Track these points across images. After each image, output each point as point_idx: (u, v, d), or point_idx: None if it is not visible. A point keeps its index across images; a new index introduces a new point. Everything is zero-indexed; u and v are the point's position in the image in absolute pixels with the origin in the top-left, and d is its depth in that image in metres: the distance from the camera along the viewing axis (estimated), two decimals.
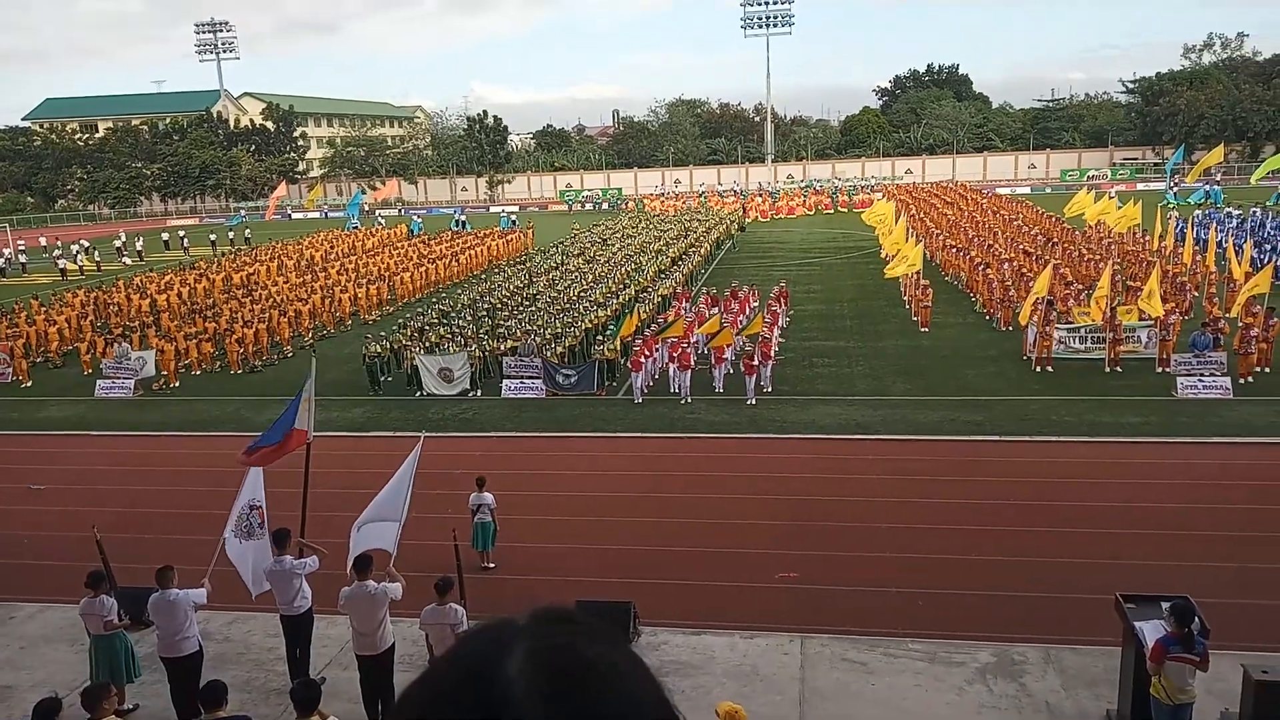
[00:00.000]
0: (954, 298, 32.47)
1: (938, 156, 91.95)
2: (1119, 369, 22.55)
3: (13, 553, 15.06)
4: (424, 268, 40.40)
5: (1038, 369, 22.95)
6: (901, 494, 15.84)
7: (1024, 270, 30.45)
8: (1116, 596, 9.69)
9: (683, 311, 26.78)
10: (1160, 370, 21.96)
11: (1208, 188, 58.31)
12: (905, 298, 31.68)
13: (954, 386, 22.08)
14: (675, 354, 22.24)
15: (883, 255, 35.84)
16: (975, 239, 38.78)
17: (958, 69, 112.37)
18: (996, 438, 18.53)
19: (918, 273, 30.18)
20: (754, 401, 21.29)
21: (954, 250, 36.79)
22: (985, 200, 56.43)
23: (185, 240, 59.21)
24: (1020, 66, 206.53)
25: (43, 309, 32.74)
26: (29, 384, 26.71)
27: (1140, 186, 69.19)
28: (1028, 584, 12.58)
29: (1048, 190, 75.10)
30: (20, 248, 55.17)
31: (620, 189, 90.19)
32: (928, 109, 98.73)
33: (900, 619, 11.91)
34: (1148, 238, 35.99)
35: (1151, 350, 22.86)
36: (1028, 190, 74.58)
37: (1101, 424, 18.87)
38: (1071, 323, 24.26)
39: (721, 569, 13.45)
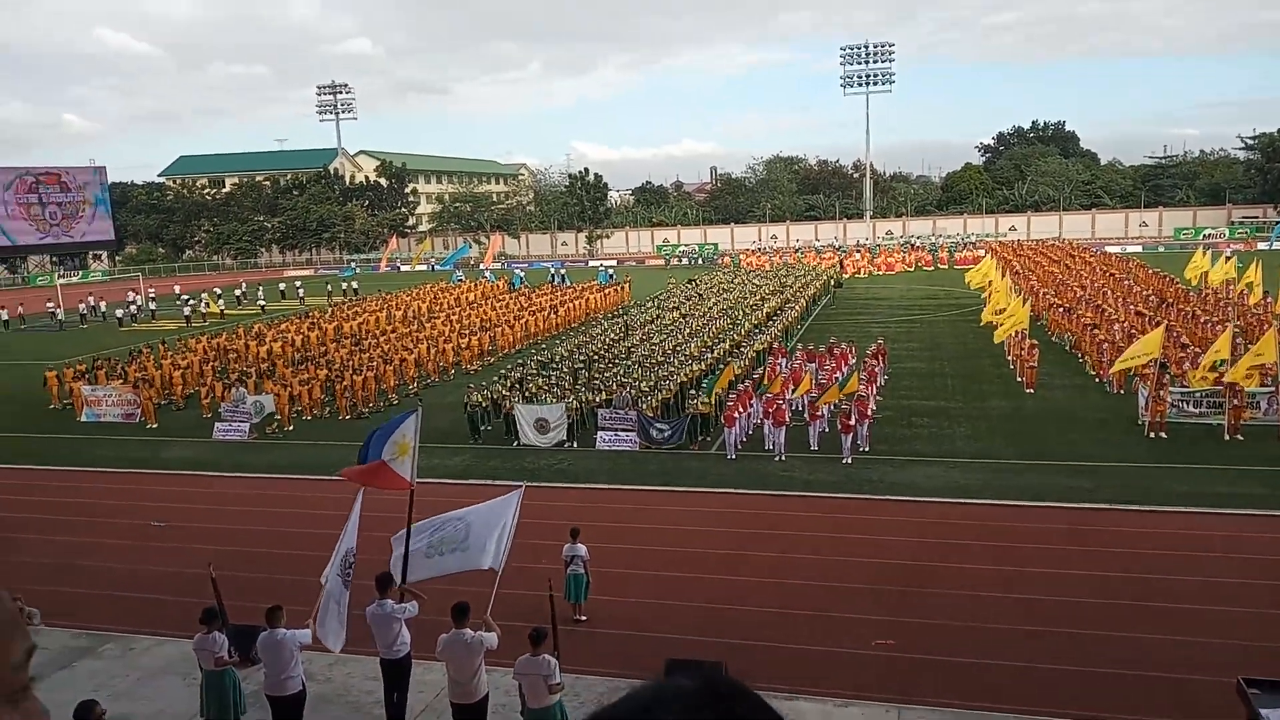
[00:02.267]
0: (1061, 358, 31.48)
1: (1043, 213, 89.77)
2: (1239, 437, 21.46)
3: (134, 587, 15.85)
4: (524, 320, 41.34)
5: (1151, 435, 22.02)
6: (1003, 561, 15.34)
7: (1135, 331, 29.36)
8: (1239, 680, 9.17)
9: (779, 367, 26.69)
10: None
11: None
12: (1010, 357, 30.88)
13: (1061, 451, 21.34)
14: (770, 410, 22.15)
15: (984, 321, 34.99)
16: (1084, 298, 37.64)
17: (1064, 125, 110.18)
18: (1106, 506, 17.80)
19: (1023, 332, 29.43)
20: (850, 461, 20.99)
21: (1061, 310, 35.76)
22: (1094, 258, 54.78)
23: (301, 290, 62.06)
24: (1130, 122, 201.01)
25: (169, 353, 34.68)
26: (154, 425, 28.23)
27: (1261, 246, 66.07)
28: (1139, 662, 11.98)
29: (1160, 249, 72.43)
30: (151, 295, 58.65)
31: (716, 244, 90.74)
32: (1033, 165, 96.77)
33: (1002, 693, 11.49)
34: (1270, 300, 34.32)
35: (1272, 417, 21.70)
36: (1139, 249, 71.99)
37: (1219, 495, 17.95)
38: (1186, 387, 23.27)
39: (815, 632, 13.23)
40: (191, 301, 54.13)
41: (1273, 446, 20.72)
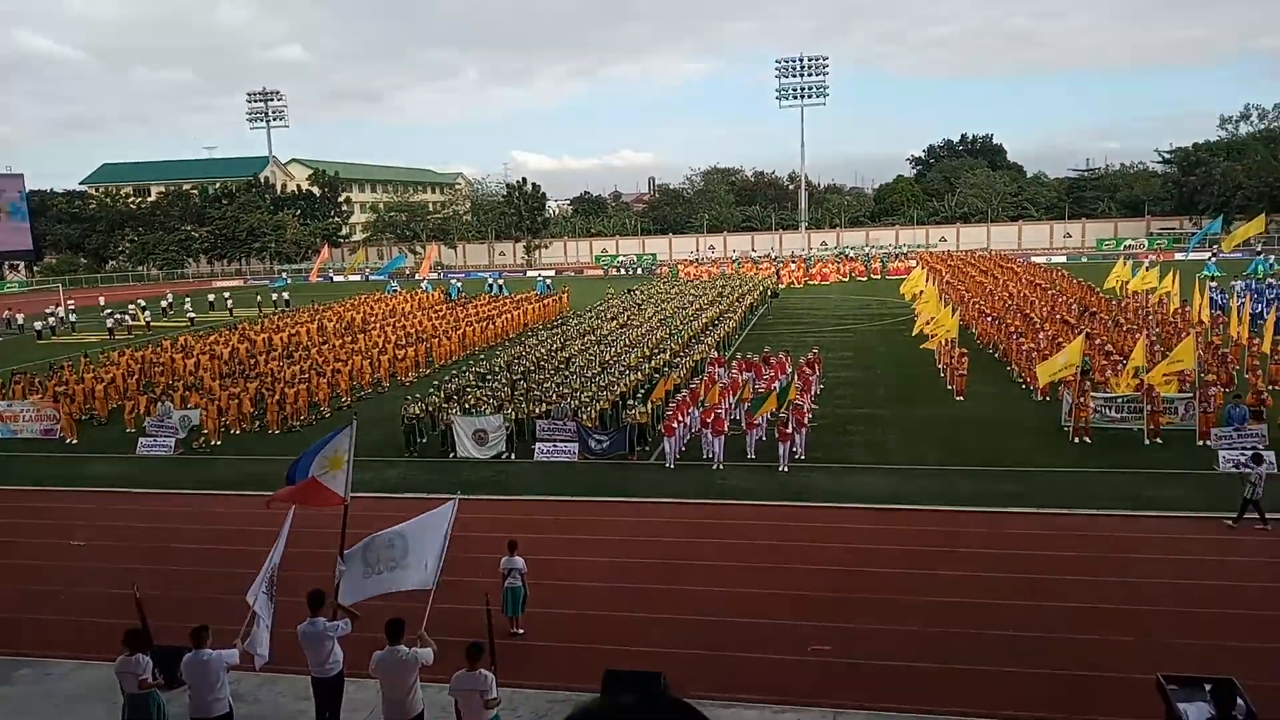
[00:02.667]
0: (990, 366, 32.27)
1: (972, 225, 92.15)
2: (1159, 440, 22.22)
3: (51, 609, 15.27)
4: (461, 331, 40.97)
5: (1075, 440, 22.68)
6: (936, 566, 15.63)
7: (1061, 340, 30.23)
8: (1157, 677, 9.49)
9: (717, 377, 26.86)
10: (1201, 443, 21.61)
11: (1255, 257, 57.79)
12: (940, 365, 31.55)
13: (990, 457, 21.85)
14: (708, 419, 22.28)
15: (916, 331, 35.73)
16: (1011, 307, 38.65)
17: (991, 138, 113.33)
18: (1034, 509, 18.27)
19: (953, 340, 30.11)
20: (787, 469, 21.21)
21: (989, 318, 36.68)
22: (1020, 269, 56.30)
23: (230, 301, 60.65)
24: (1054, 136, 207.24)
25: (91, 367, 33.57)
26: (74, 441, 27.29)
27: (1178, 256, 68.65)
28: (1066, 661, 12.30)
29: (1084, 259, 74.83)
30: (71, 306, 56.74)
31: (655, 254, 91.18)
32: (961, 178, 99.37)
33: (935, 694, 11.69)
34: (1187, 308, 35.66)
35: (1189, 422, 22.53)
36: (1063, 259, 74.37)
37: (1142, 497, 18.56)
38: (1109, 393, 24.03)
39: (753, 639, 13.31)
40: (116, 315, 52.56)
41: (1190, 450, 21.49)
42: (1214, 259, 60.01)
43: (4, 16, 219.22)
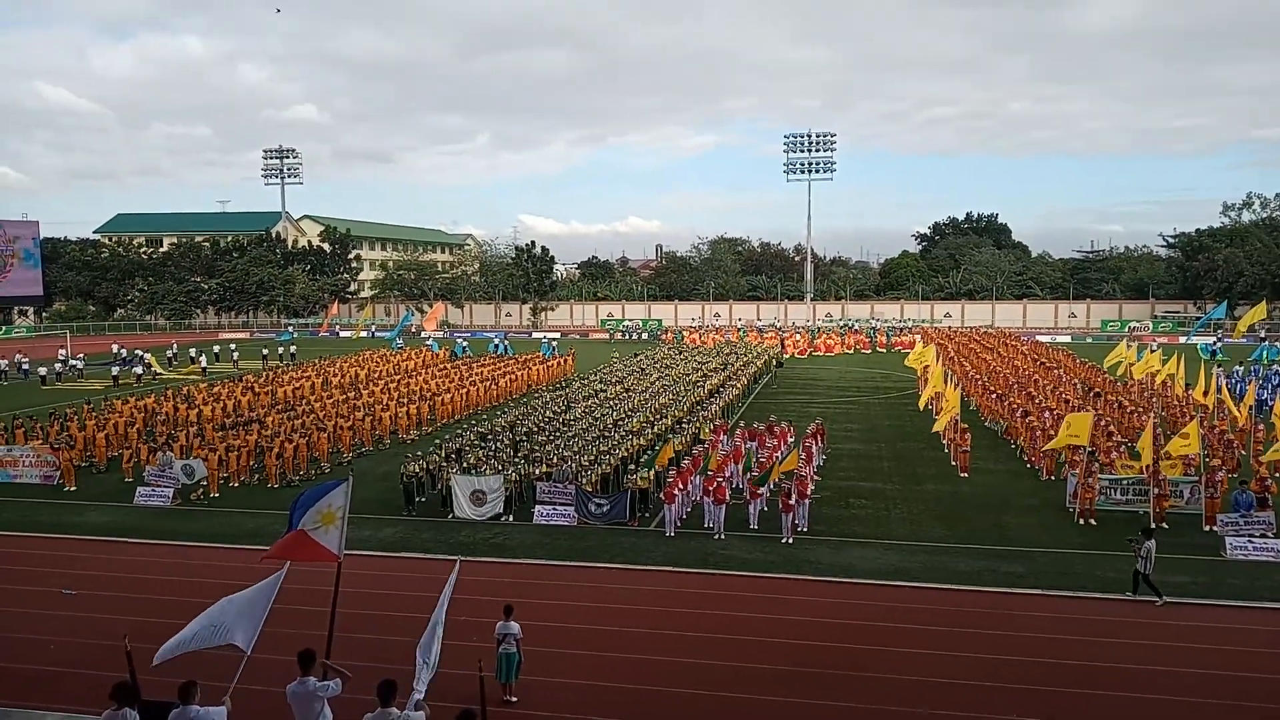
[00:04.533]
0: (993, 443, 32.14)
1: (977, 301, 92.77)
2: (1165, 525, 21.98)
3: (40, 658, 15.02)
4: (465, 390, 40.99)
5: (1080, 520, 22.47)
6: (938, 645, 15.36)
7: (1065, 418, 30.14)
8: None
9: (720, 445, 26.77)
10: (1207, 529, 21.40)
11: (1266, 345, 57.96)
12: (944, 441, 31.44)
13: (994, 535, 21.64)
14: (710, 487, 22.13)
15: (922, 404, 35.73)
16: (1016, 385, 38.68)
17: (996, 218, 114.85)
18: (1039, 591, 18.02)
19: (956, 417, 30.07)
20: (790, 540, 20.99)
21: (994, 395, 36.66)
22: (1026, 347, 56.47)
23: (235, 353, 60.84)
24: (1058, 217, 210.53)
25: (94, 414, 33.55)
26: (73, 488, 27.14)
27: (1182, 340, 68.87)
28: None
29: (1088, 340, 75.11)
30: (79, 356, 56.97)
31: (660, 320, 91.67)
32: (967, 255, 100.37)
33: None
34: (1190, 393, 35.64)
35: (1195, 507, 22.34)
36: (1068, 339, 74.63)
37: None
38: (1114, 474, 23.88)
39: (751, 715, 13.02)
40: (131, 361, 52.92)
41: (1195, 535, 21.26)
42: (1219, 343, 60.16)
43: (23, 68, 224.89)
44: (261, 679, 11.58)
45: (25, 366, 54.62)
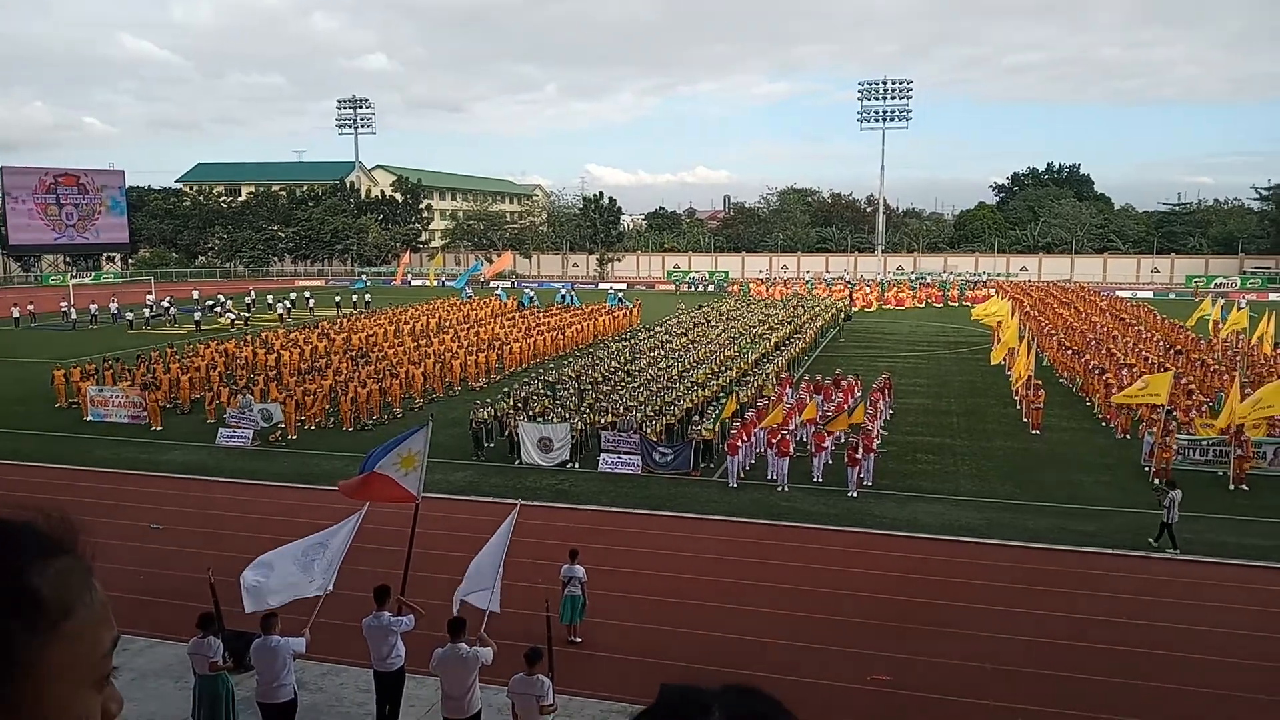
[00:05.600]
0: (1068, 401, 31.42)
1: (1055, 255, 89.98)
2: (1244, 487, 21.35)
3: (129, 587, 15.83)
4: (532, 339, 41.45)
5: (1155, 481, 21.92)
6: (1002, 602, 15.25)
7: (1145, 376, 29.31)
8: None
9: (784, 397, 26.68)
10: None
11: None
12: (1017, 397, 30.83)
13: (1065, 493, 21.26)
14: (774, 440, 22.12)
15: (995, 360, 35.02)
16: (1093, 342, 37.62)
17: (1079, 168, 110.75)
18: (1108, 550, 17.71)
19: (1030, 373, 29.41)
20: (855, 494, 20.93)
21: (1070, 352, 35.74)
22: (1105, 302, 54.78)
23: (311, 300, 62.32)
24: (1144, 168, 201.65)
25: (177, 358, 34.82)
26: (159, 428, 28.31)
27: (1273, 296, 66.05)
28: (1131, 709, 11.88)
29: (1172, 296, 72.48)
30: (167, 300, 58.99)
31: (727, 272, 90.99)
32: (1046, 207, 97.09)
33: None
34: None
35: (1278, 468, 21.61)
36: (1150, 295, 72.04)
37: (1223, 544, 17.84)
38: (1193, 434, 23.19)
39: (810, 664, 13.15)
40: (222, 305, 54.93)
41: (1276, 498, 20.60)
42: None
43: (108, 19, 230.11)
44: (339, 612, 12.07)
45: (115, 310, 56.70)
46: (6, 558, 1.00)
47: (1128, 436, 25.90)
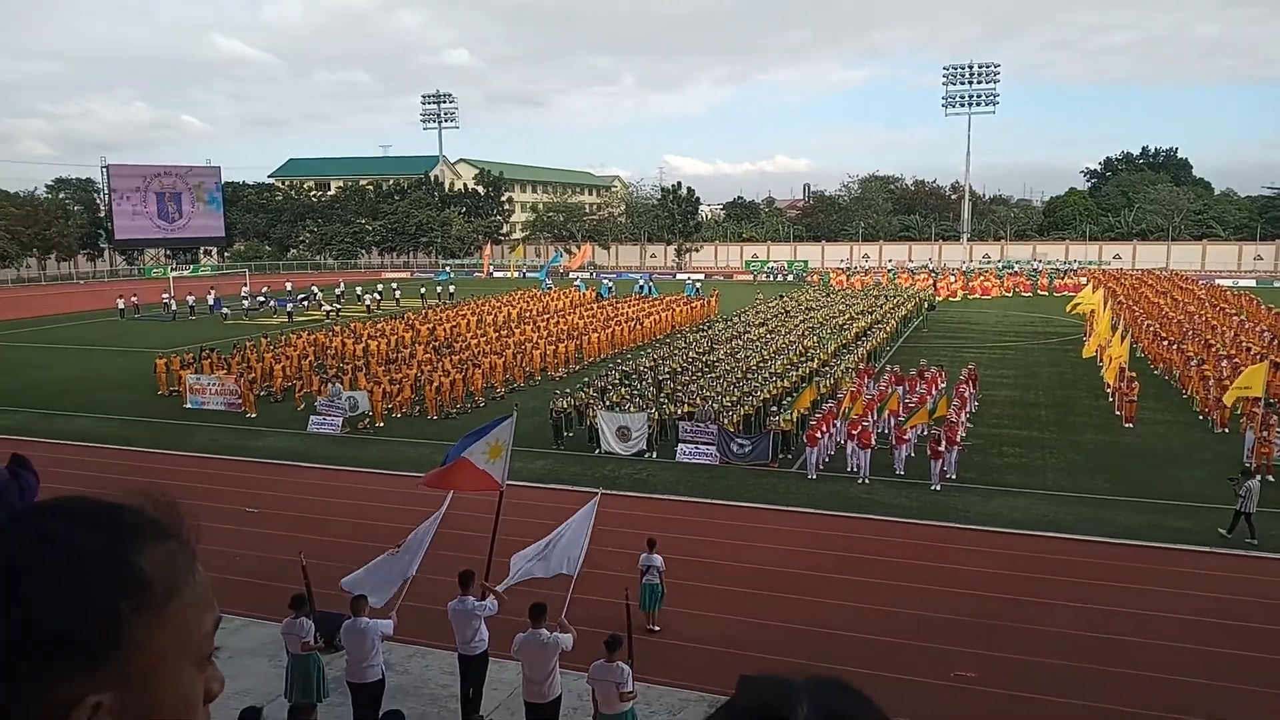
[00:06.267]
0: (1163, 393, 30.29)
1: (1150, 243, 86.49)
2: None
3: (226, 569, 16.50)
4: (610, 329, 41.70)
5: (1258, 476, 20.96)
6: (1090, 599, 14.83)
7: (1244, 368, 28.04)
8: None
9: (864, 389, 26.34)
10: None
11: None
12: (1109, 390, 29.84)
13: (1159, 488, 20.53)
14: (854, 431, 21.86)
15: (1088, 353, 33.94)
16: (1190, 332, 36.13)
17: (1175, 152, 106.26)
18: (1205, 548, 17.06)
19: (1123, 365, 28.43)
20: (939, 488, 20.56)
21: (1165, 342, 34.41)
22: (1203, 291, 52.53)
23: (397, 291, 63.80)
24: (1246, 150, 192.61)
25: (270, 348, 36.05)
26: (253, 415, 29.39)
27: None
28: (1234, 712, 11.45)
29: (1276, 284, 69.01)
30: (263, 292, 61.05)
31: (806, 261, 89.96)
32: (1141, 192, 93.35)
33: None
34: None
35: None
36: (1253, 284, 68.72)
37: None
38: None
39: (893, 660, 13.01)
40: (314, 298, 56.67)
41: None
42: None
43: (200, 21, 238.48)
44: (425, 597, 12.41)
45: (212, 301, 58.92)
46: (117, 541, 1.04)
47: (1226, 431, 24.85)
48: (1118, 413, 27.36)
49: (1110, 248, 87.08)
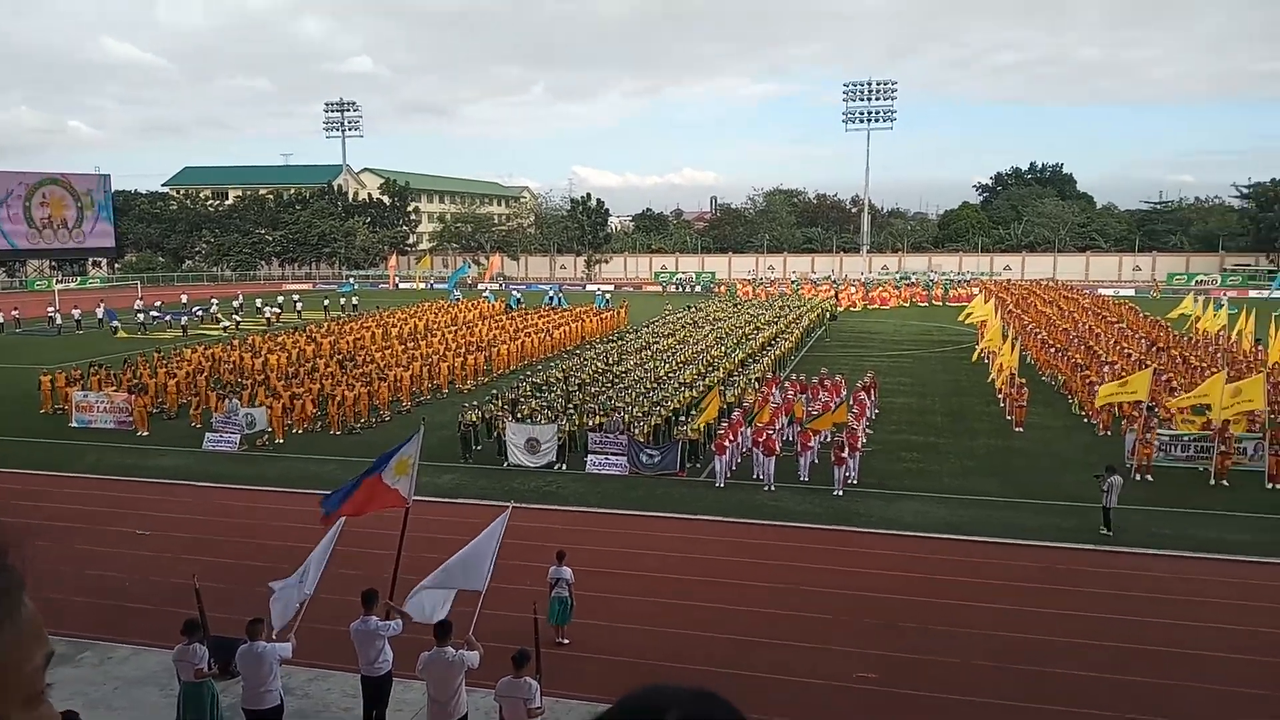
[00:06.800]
0: (1050, 398, 31.67)
1: (1038, 254, 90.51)
2: (1225, 483, 21.58)
3: (115, 595, 15.81)
4: (520, 340, 41.47)
5: (1137, 477, 22.13)
6: (988, 599, 15.39)
7: (1124, 373, 29.53)
8: None
9: (771, 397, 26.80)
10: (1271, 486, 20.97)
11: None
12: (1000, 396, 31.05)
13: (1049, 490, 21.44)
14: (760, 439, 22.23)
15: (975, 357, 35.41)
16: (1075, 339, 37.89)
17: (1061, 167, 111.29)
18: (1090, 546, 17.90)
19: (1013, 372, 29.65)
20: (841, 493, 21.06)
21: (1052, 349, 36.00)
22: (1087, 300, 55.14)
23: (299, 304, 62.16)
24: (1126, 167, 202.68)
25: (164, 363, 34.68)
26: (146, 433, 28.21)
27: (1252, 294, 66.63)
28: (1114, 704, 12.03)
29: (1158, 295, 72.98)
30: (156, 305, 58.62)
31: (714, 273, 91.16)
32: (1029, 206, 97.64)
33: None
34: (1261, 348, 34.59)
35: (1257, 464, 21.86)
36: (1132, 293, 72.57)
37: (1204, 539, 18.04)
38: (1174, 430, 23.43)
39: (797, 662, 13.25)
40: (208, 313, 54.34)
41: (1258, 493, 20.85)
42: None
43: (90, 22, 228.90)
44: (326, 617, 12.11)
45: (100, 315, 56.38)
46: None
47: (1109, 433, 26.12)
48: (1009, 418, 28.50)
49: (1001, 259, 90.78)
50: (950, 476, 22.77)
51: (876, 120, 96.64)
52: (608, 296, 63.31)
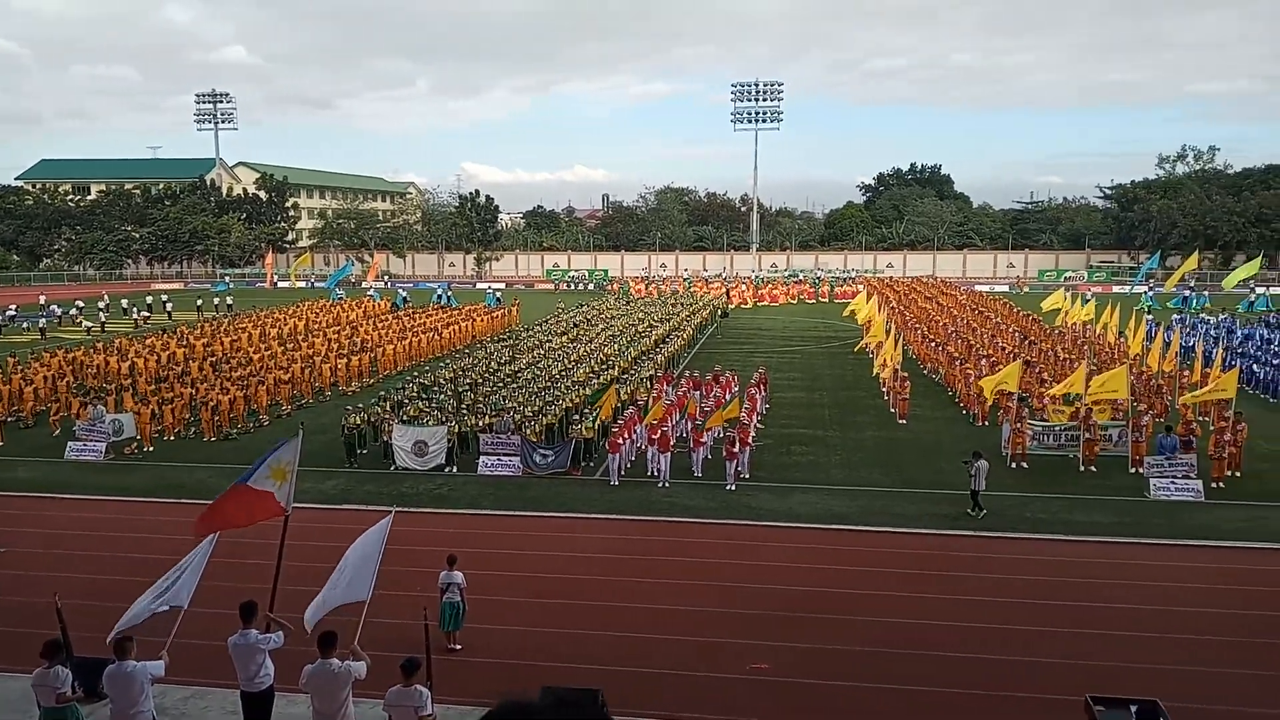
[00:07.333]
0: (931, 391, 32.80)
1: (919, 252, 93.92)
2: (1094, 469, 22.73)
3: None
4: (407, 340, 40.51)
5: (1013, 465, 23.10)
6: (876, 586, 15.77)
7: (1000, 366, 30.83)
8: (1086, 698, 9.65)
9: (664, 394, 26.90)
10: (1134, 471, 22.17)
11: (1187, 293, 59.73)
12: (884, 389, 31.99)
13: (931, 479, 22.16)
14: (654, 436, 22.26)
15: (858, 349, 36.56)
16: (954, 334, 39.38)
17: (940, 169, 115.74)
18: (971, 532, 18.56)
19: (896, 366, 30.57)
20: (734, 488, 21.27)
21: (933, 344, 37.31)
22: (964, 296, 57.43)
23: (169, 304, 59.27)
24: (999, 169, 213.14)
25: (19, 368, 32.51)
26: (1, 443, 26.34)
27: (1116, 289, 70.73)
28: (997, 682, 12.47)
29: (1025, 290, 76.63)
30: (12, 307, 54.95)
31: (607, 270, 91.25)
32: (910, 206, 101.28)
33: (872, 714, 11.75)
34: (1124, 340, 36.65)
35: (1122, 449, 23.12)
36: (1006, 288, 76.07)
37: (1075, 522, 18.94)
38: (1046, 421, 24.55)
39: (692, 657, 13.27)
40: (85, 311, 51.00)
41: (1122, 477, 22.03)
42: (1151, 293, 61.88)
43: None
44: (201, 632, 11.47)
45: None
46: None
47: (986, 424, 27.20)
48: (892, 410, 29.38)
49: (884, 257, 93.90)
50: (839, 468, 23.29)
51: (764, 120, 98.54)
52: (499, 295, 62.57)
